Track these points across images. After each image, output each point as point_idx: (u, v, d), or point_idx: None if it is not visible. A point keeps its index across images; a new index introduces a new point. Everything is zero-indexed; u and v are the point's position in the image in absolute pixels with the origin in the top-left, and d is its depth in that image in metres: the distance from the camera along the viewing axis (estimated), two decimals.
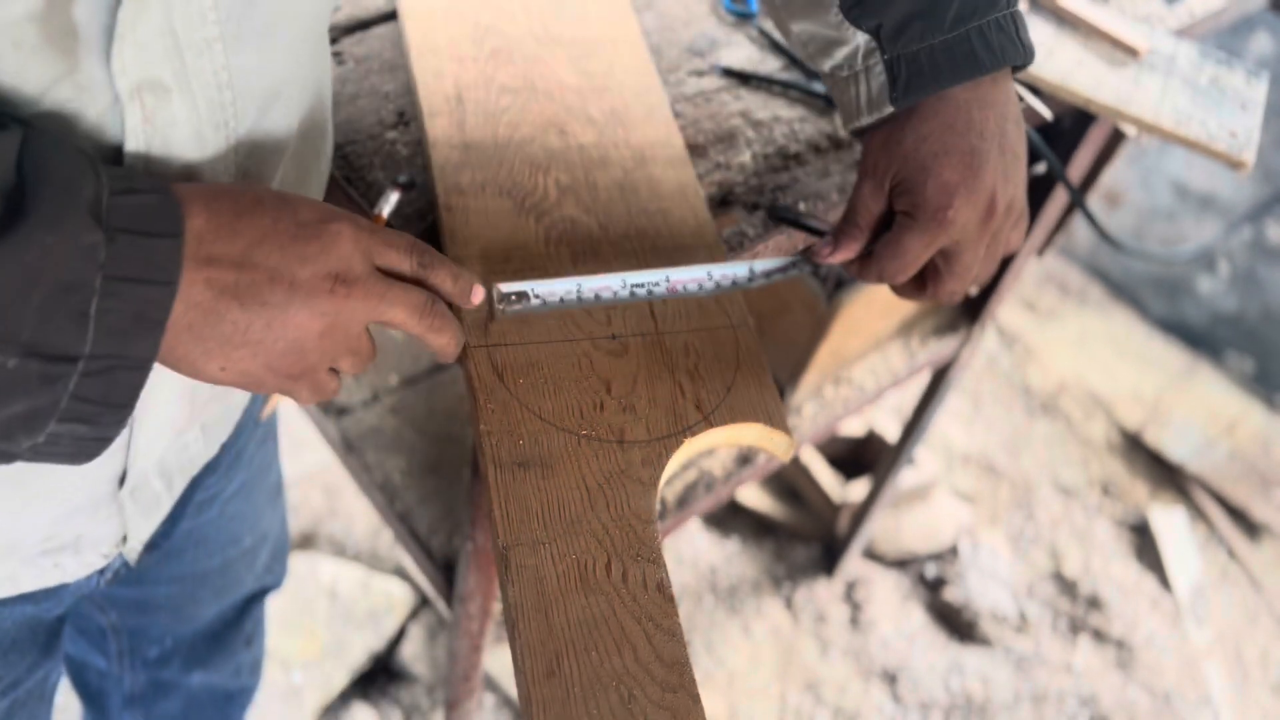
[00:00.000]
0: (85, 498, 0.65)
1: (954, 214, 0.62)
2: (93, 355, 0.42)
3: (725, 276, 0.65)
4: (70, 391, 0.42)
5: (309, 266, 0.48)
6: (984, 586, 2.00)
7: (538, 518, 0.54)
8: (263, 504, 0.97)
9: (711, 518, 2.07)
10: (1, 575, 0.66)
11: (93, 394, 0.43)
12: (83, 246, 0.41)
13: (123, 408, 0.44)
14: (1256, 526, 2.30)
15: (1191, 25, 1.10)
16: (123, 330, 0.42)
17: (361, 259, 0.51)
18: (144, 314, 0.43)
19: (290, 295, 0.47)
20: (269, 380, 0.50)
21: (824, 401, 1.31)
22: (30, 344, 0.40)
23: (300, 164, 0.62)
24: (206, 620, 1.01)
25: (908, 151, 0.63)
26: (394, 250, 0.53)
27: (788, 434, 0.62)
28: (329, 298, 0.49)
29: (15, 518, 0.61)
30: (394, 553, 1.87)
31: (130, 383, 0.44)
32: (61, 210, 0.40)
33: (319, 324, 0.49)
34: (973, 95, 0.63)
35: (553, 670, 0.48)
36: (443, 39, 0.81)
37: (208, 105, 0.50)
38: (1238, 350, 2.63)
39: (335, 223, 0.50)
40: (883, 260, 0.65)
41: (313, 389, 0.52)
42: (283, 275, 0.47)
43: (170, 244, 0.43)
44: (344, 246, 0.50)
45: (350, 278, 0.50)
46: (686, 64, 0.89)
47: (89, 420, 0.44)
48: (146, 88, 0.46)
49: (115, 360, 0.43)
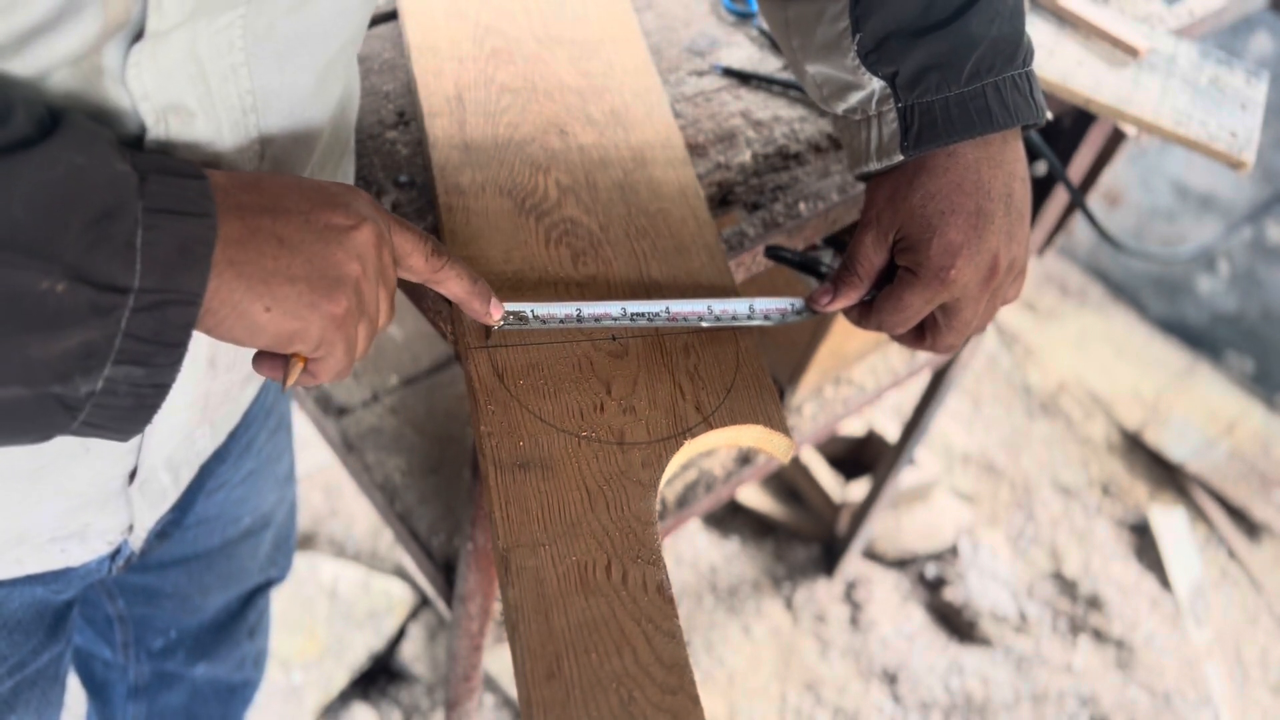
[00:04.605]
0: (96, 493, 0.65)
1: (956, 274, 0.62)
2: (143, 289, 0.41)
3: (725, 311, 0.65)
4: (123, 329, 0.42)
5: (338, 213, 0.49)
6: (984, 586, 2.00)
7: (538, 519, 0.54)
8: (267, 489, 0.97)
9: (711, 518, 2.07)
10: (9, 559, 0.66)
11: (145, 331, 0.42)
12: (115, 173, 0.41)
13: (177, 346, 0.44)
14: (1256, 526, 2.30)
15: (1191, 25, 1.10)
16: (170, 262, 0.42)
17: (383, 224, 0.52)
18: (188, 246, 0.43)
19: (326, 233, 0.48)
20: (313, 324, 0.49)
21: (824, 401, 1.31)
22: (77, 269, 0.40)
23: (322, 177, 0.62)
24: (211, 611, 1.02)
25: (914, 207, 0.63)
26: (411, 232, 0.54)
27: (787, 435, 0.62)
28: (363, 241, 0.50)
29: (28, 511, 0.62)
30: (394, 553, 1.87)
31: (183, 319, 0.43)
32: (90, 139, 0.41)
33: (355, 266, 0.49)
34: (983, 154, 0.63)
35: (553, 672, 0.48)
36: (443, 39, 0.81)
37: (232, 127, 0.51)
38: (1238, 350, 2.63)
39: (352, 190, 0.51)
40: (883, 313, 0.66)
41: (346, 345, 0.51)
42: (317, 218, 0.48)
43: (199, 184, 0.44)
44: (367, 204, 0.51)
45: (379, 227, 0.51)
46: (686, 64, 0.89)
47: (144, 361, 0.43)
48: (171, 111, 0.47)
49: (166, 294, 0.42)
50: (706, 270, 0.69)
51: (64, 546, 0.69)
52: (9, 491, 0.59)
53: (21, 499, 0.60)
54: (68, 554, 0.69)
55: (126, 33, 0.43)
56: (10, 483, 0.58)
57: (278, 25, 0.49)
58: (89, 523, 0.68)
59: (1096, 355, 2.61)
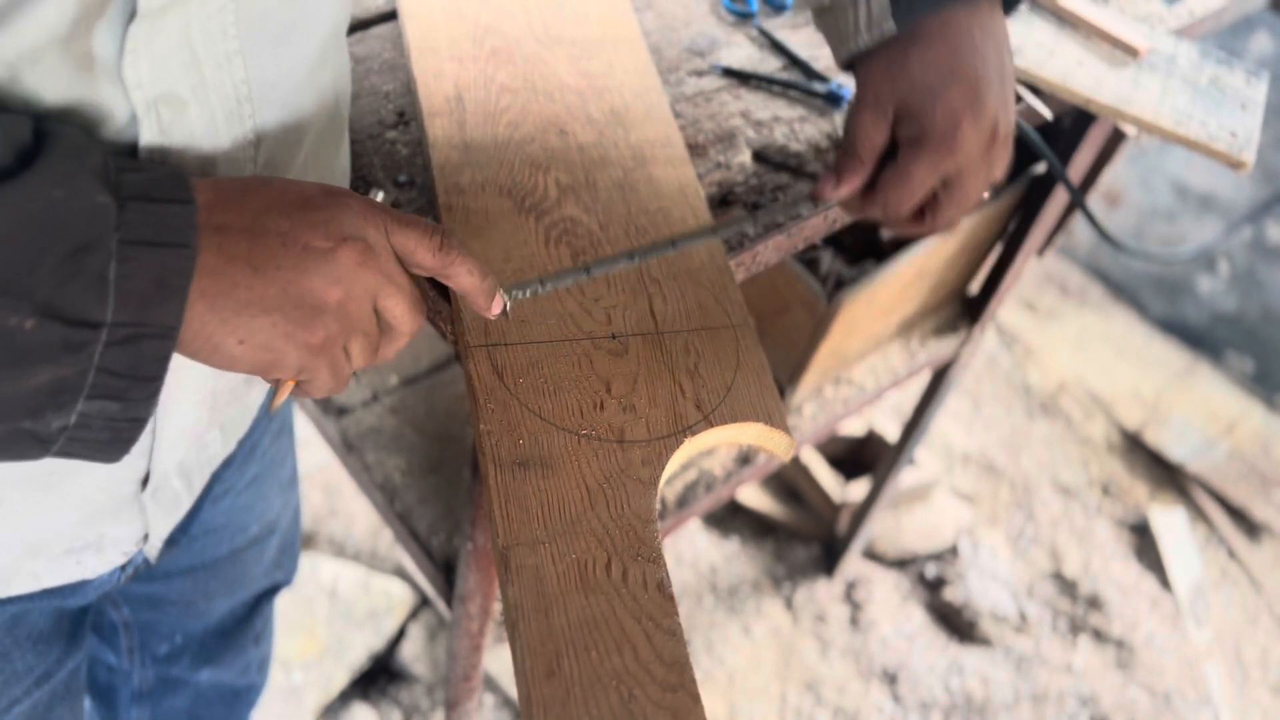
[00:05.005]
0: (108, 499, 0.65)
1: (962, 137, 0.61)
2: (115, 323, 0.41)
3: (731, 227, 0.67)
4: (96, 363, 0.41)
5: (320, 231, 0.47)
6: (984, 586, 2.00)
7: (538, 517, 0.54)
8: (272, 495, 0.97)
9: (711, 518, 2.07)
10: (25, 572, 0.66)
11: (119, 365, 0.41)
12: (94, 205, 0.40)
13: (152, 380, 0.43)
14: (1256, 526, 2.30)
15: (1191, 25, 1.10)
16: (144, 295, 0.41)
17: (375, 230, 0.49)
18: (164, 279, 0.42)
19: (303, 258, 0.46)
20: (289, 355, 0.48)
21: (824, 401, 1.31)
22: (48, 305, 0.39)
23: (318, 164, 0.62)
24: (217, 617, 1.02)
25: (913, 77, 0.62)
26: (413, 229, 0.51)
27: (788, 434, 0.62)
28: (344, 263, 0.47)
29: (41, 521, 0.61)
30: (394, 553, 1.87)
31: (157, 353, 0.42)
32: (71, 169, 0.40)
33: (335, 291, 0.47)
34: (974, 20, 0.63)
35: (553, 670, 0.48)
36: (443, 39, 0.81)
37: (226, 117, 0.50)
38: (1238, 350, 2.63)
39: (344, 196, 0.49)
40: (888, 191, 0.64)
41: (331, 369, 0.50)
42: (295, 239, 0.46)
43: (182, 209, 0.43)
44: (354, 216, 0.49)
45: (365, 244, 0.48)
46: (686, 64, 0.89)
47: (118, 396, 0.42)
48: (163, 101, 0.46)
49: (139, 328, 0.41)
50: (707, 269, 0.69)
51: (79, 558, 0.68)
52: (20, 501, 0.58)
53: (33, 508, 0.59)
54: (83, 566, 0.69)
55: (118, 12, 0.42)
56: (22, 491, 0.58)
57: (271, 12, 0.49)
58: (104, 533, 0.67)
59: (1096, 355, 2.61)
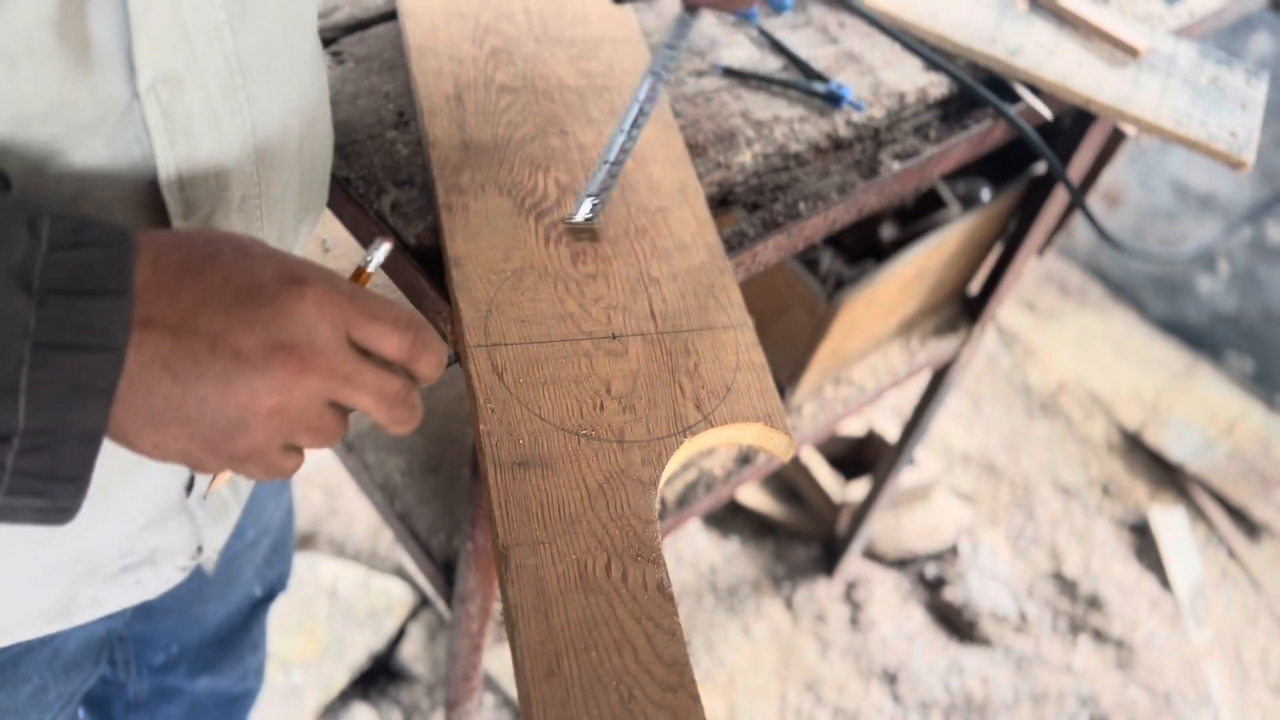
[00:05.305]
0: (155, 509, 0.64)
1: None
2: (28, 431, 0.38)
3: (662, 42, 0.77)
4: (10, 469, 0.39)
5: (255, 334, 0.42)
6: (984, 586, 2.00)
7: (537, 518, 0.54)
8: (266, 498, 0.97)
9: (711, 518, 2.07)
10: (85, 599, 0.65)
11: (37, 468, 0.39)
12: (4, 314, 0.37)
13: (75, 480, 0.41)
14: (1256, 526, 2.30)
15: (1191, 25, 1.10)
16: (60, 402, 0.38)
17: (329, 328, 0.44)
18: (84, 383, 0.39)
19: (232, 367, 0.42)
20: (209, 461, 0.44)
21: (824, 401, 1.31)
22: None
23: (311, 143, 0.61)
24: (214, 624, 1.01)
25: None
26: (381, 324, 0.46)
27: (788, 434, 0.62)
28: (279, 372, 0.42)
29: (89, 537, 0.60)
30: (394, 553, 1.87)
31: (78, 456, 0.40)
32: None
33: (267, 401, 0.43)
34: None
35: (553, 670, 0.48)
36: (443, 39, 0.81)
37: (221, 90, 0.49)
38: (1238, 350, 2.63)
39: (299, 285, 0.44)
40: None
41: (264, 468, 0.46)
42: (225, 343, 0.41)
43: (111, 303, 0.39)
44: (304, 311, 0.43)
45: (307, 350, 0.43)
46: (686, 64, 0.89)
47: (40, 493, 0.40)
48: (161, 81, 0.45)
49: (55, 435, 0.39)
50: (707, 269, 0.69)
51: (137, 577, 0.66)
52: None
53: (82, 524, 0.57)
54: (143, 585, 0.67)
55: None
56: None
57: None
58: (155, 545, 0.66)
59: (1096, 355, 2.61)
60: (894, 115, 0.90)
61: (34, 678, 0.70)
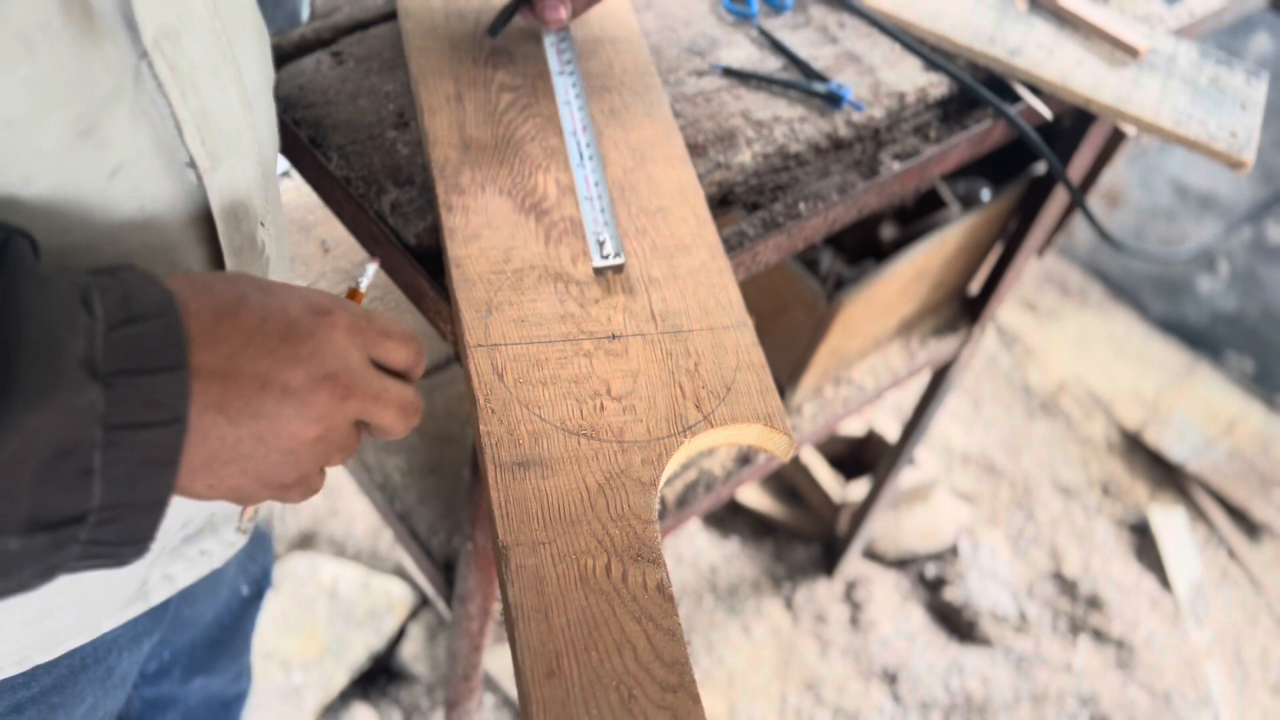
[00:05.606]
0: None
1: None
2: (103, 507, 0.39)
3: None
4: (82, 541, 0.40)
5: (302, 369, 0.45)
6: (984, 586, 2.00)
7: (538, 518, 0.54)
8: None
9: (711, 518, 2.07)
10: (157, 577, 0.66)
11: (108, 537, 0.40)
12: (77, 409, 0.37)
13: (142, 542, 0.42)
14: (1256, 526, 2.30)
15: (1191, 25, 1.10)
16: (130, 477, 0.40)
17: (358, 353, 0.47)
18: (151, 457, 0.40)
19: (282, 403, 0.44)
20: (260, 493, 0.47)
21: (824, 401, 1.31)
22: (29, 521, 0.37)
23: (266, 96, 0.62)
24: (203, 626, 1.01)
25: None
26: (393, 341, 0.50)
27: (788, 434, 0.62)
28: (326, 402, 0.45)
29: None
30: (394, 553, 1.87)
31: (147, 522, 0.41)
32: (47, 380, 0.37)
33: (313, 430, 0.45)
34: None
35: (553, 670, 0.48)
36: (443, 39, 0.81)
37: (211, 37, 0.50)
38: (1238, 350, 2.63)
39: (328, 316, 0.47)
40: None
41: (306, 492, 0.49)
42: (274, 381, 0.44)
43: (172, 377, 0.40)
44: (338, 341, 0.46)
45: (346, 378, 0.46)
46: (686, 64, 0.89)
47: (107, 557, 0.41)
48: (162, 35, 0.46)
49: (127, 508, 0.40)
50: (707, 268, 0.69)
51: (201, 546, 0.68)
52: None
53: None
54: (208, 555, 0.69)
55: None
56: None
57: None
58: (212, 510, 0.67)
59: (1096, 355, 2.61)
60: (894, 115, 0.90)
61: (88, 696, 0.71)
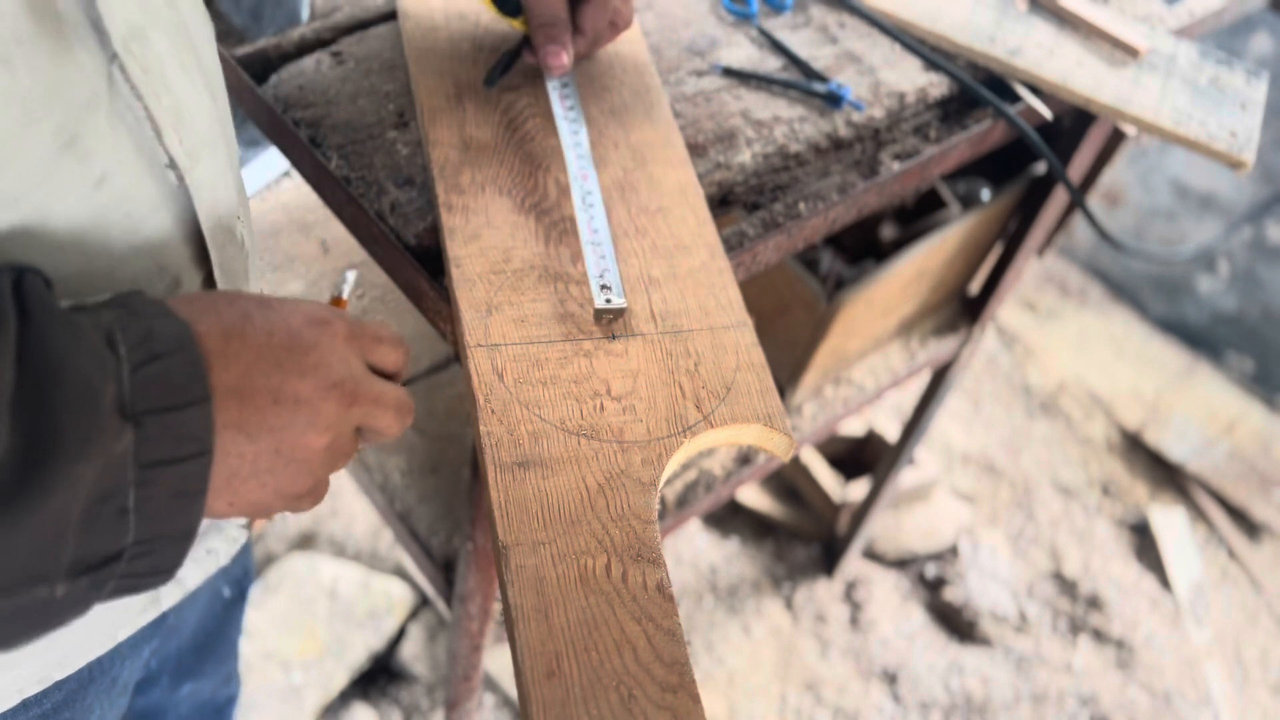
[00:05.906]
0: None
1: None
2: (137, 542, 0.40)
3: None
4: (118, 575, 0.41)
5: (309, 380, 0.46)
6: (984, 586, 2.00)
7: (537, 518, 0.54)
8: None
9: (711, 518, 2.07)
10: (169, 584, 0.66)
11: (140, 570, 0.41)
12: (116, 454, 0.38)
13: (171, 570, 0.43)
14: (1256, 526, 2.30)
15: (1191, 25, 1.10)
16: (162, 511, 0.41)
17: (357, 359, 0.49)
18: (182, 489, 0.41)
19: (295, 414, 0.45)
20: (276, 505, 0.48)
21: (824, 401, 1.31)
22: (74, 563, 0.38)
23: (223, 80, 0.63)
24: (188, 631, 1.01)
25: None
26: (384, 345, 0.52)
27: (788, 434, 0.62)
28: (334, 410, 0.47)
29: None
30: (394, 553, 1.87)
31: (177, 551, 0.42)
32: (90, 431, 0.38)
33: (324, 439, 0.47)
34: None
35: (553, 670, 0.48)
36: (443, 39, 0.81)
37: (173, 30, 0.50)
38: (1238, 350, 2.63)
39: (327, 325, 0.48)
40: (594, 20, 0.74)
41: (314, 500, 0.50)
42: (285, 394, 0.45)
43: (199, 411, 0.41)
44: (340, 349, 0.48)
45: (351, 385, 0.48)
46: (686, 64, 0.89)
47: (136, 587, 0.42)
48: (130, 36, 0.46)
49: (161, 540, 0.41)
50: (707, 269, 0.69)
51: (208, 545, 0.68)
52: None
53: None
54: (215, 554, 0.69)
55: None
56: None
57: None
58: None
59: (1096, 355, 2.61)
60: (894, 115, 0.90)
61: (96, 708, 0.71)
